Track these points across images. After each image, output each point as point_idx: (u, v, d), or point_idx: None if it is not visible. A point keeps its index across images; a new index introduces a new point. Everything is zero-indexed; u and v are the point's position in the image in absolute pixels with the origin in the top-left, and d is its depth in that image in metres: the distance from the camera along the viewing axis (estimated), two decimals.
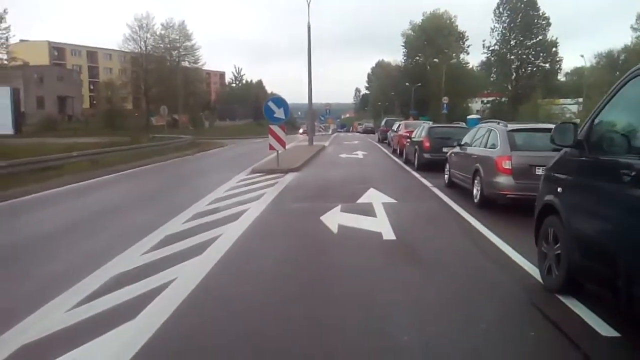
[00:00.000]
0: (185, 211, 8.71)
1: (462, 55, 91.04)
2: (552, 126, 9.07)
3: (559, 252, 4.40)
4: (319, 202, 9.70)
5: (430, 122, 17.09)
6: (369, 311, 4.22)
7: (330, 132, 57.30)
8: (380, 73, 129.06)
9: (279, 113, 15.87)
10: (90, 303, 4.39)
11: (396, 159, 19.67)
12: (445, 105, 58.03)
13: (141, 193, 11.98)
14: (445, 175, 11.69)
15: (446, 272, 5.35)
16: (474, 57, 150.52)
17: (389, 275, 5.24)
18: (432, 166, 14.81)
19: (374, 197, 10.04)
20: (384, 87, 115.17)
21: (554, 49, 78.41)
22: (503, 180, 8.00)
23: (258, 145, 33.72)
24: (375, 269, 5.44)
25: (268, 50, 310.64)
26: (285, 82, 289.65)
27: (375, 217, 8.07)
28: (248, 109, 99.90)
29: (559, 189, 4.44)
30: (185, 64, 73.16)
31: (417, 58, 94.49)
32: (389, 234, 6.84)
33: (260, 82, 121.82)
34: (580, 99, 60.83)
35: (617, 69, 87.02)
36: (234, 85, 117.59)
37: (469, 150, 9.81)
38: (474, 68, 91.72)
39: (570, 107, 58.44)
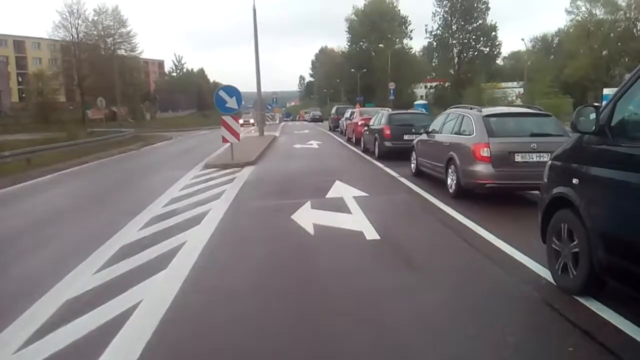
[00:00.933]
0: (140, 215, 7.83)
1: (405, 40, 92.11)
2: (528, 111, 8.95)
3: (576, 250, 3.98)
4: (285, 199, 9.04)
5: (389, 110, 16.68)
6: (377, 335, 3.63)
7: (277, 121, 56.22)
8: (324, 60, 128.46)
9: (231, 103, 14.98)
10: (33, 346, 3.56)
11: (353, 148, 19.22)
12: (392, 91, 58.24)
13: (87, 195, 10.83)
14: (412, 164, 11.29)
15: (446, 276, 4.85)
16: (417, 42, 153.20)
17: (384, 282, 4.68)
18: (393, 155, 14.45)
19: (343, 190, 9.49)
20: (329, 74, 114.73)
21: (493, 33, 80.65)
22: (481, 168, 7.63)
23: (205, 138, 32.54)
24: (368, 275, 4.87)
25: (209, 38, 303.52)
26: (228, 71, 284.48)
27: (351, 213, 7.51)
28: (191, 99, 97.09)
29: (575, 180, 4.01)
30: (122, 52, 69.71)
31: (361, 44, 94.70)
32: (371, 233, 6.29)
33: (202, 71, 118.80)
34: (521, 82, 62.75)
35: (551, 52, 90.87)
36: (174, 74, 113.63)
37: (439, 137, 9.41)
38: (417, 53, 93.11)
39: (513, 90, 60.12)
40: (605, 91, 53.68)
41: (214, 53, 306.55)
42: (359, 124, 20.31)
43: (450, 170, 8.57)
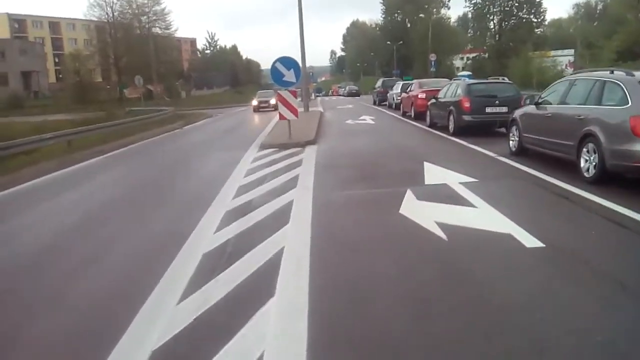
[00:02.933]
0: (210, 210, 6.49)
1: (442, 10, 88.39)
2: None
3: None
4: (375, 186, 7.58)
5: (465, 79, 14.72)
6: None
7: (312, 97, 54.48)
8: (356, 33, 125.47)
9: (289, 76, 13.46)
10: None
11: (415, 123, 17.48)
12: (432, 62, 55.47)
13: (139, 183, 9.59)
14: (511, 141, 9.59)
15: None
16: (454, 12, 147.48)
17: (606, 324, 3.16)
18: (472, 130, 12.75)
19: (440, 174, 7.93)
20: (361, 47, 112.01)
21: (537, 0, 76.01)
22: None
23: (246, 115, 31.29)
24: (573, 313, 3.35)
25: (240, 14, 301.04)
26: (260, 47, 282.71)
27: (475, 207, 5.95)
28: (225, 77, 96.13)
29: None
30: (157, 30, 68.86)
31: (396, 15, 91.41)
32: (525, 237, 4.73)
33: (235, 48, 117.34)
34: (572, 50, 59.07)
35: (595, 19, 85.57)
36: (207, 52, 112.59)
37: (562, 109, 7.68)
38: (452, 24, 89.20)
39: (562, 59, 56.45)
40: None
41: (245, 30, 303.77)
42: (419, 97, 18.58)
43: (585, 150, 6.87)
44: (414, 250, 4.70)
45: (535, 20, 77.20)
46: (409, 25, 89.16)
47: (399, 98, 24.57)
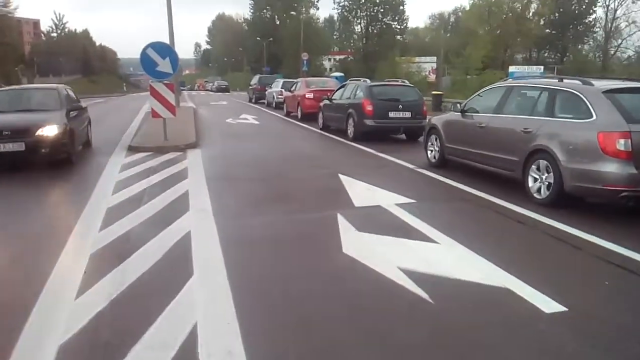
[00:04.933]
0: (62, 259, 4.35)
1: (312, 11, 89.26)
2: None
3: None
4: (294, 209, 5.99)
5: (365, 80, 13.47)
6: None
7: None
8: (222, 27, 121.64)
9: (164, 65, 11.18)
10: None
11: (304, 125, 16.15)
12: (305, 61, 55.19)
13: None
14: (430, 151, 8.66)
15: None
16: (321, 13, 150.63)
17: None
18: (373, 136, 11.79)
19: (367, 193, 6.62)
20: (228, 42, 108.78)
21: (400, 7, 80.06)
22: (614, 169, 5.14)
23: (104, 108, 27.61)
24: None
25: None
26: (117, 34, 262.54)
27: (435, 242, 4.66)
28: (75, 64, 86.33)
29: None
30: None
31: (265, 12, 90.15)
32: (532, 296, 3.52)
33: (86, 32, 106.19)
34: (434, 57, 62.87)
35: (447, 30, 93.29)
36: (53, 35, 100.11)
37: (500, 121, 6.78)
38: (320, 25, 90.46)
39: (425, 65, 59.82)
40: (511, 69, 55.60)
41: (98, 14, 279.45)
42: (307, 96, 17.34)
43: (534, 167, 6.01)
44: (394, 323, 3.20)
45: (398, 27, 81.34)
46: (278, 22, 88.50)
47: (280, 97, 23.18)
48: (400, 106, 11.59)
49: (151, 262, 4.16)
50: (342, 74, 55.29)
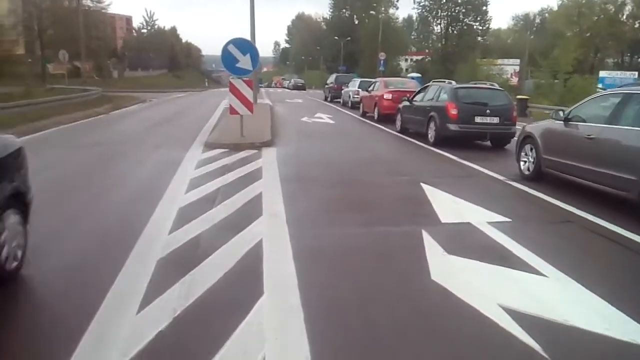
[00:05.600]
0: (135, 251, 4.14)
1: (391, 10, 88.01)
2: None
3: None
4: (373, 221, 5.49)
5: (451, 82, 12.63)
6: None
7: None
8: (301, 26, 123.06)
9: (244, 62, 11.06)
10: None
11: (381, 127, 15.59)
12: (382, 61, 54.33)
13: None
14: (523, 162, 7.83)
15: None
16: (400, 13, 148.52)
17: None
18: (455, 141, 11.03)
19: (454, 207, 5.99)
20: (306, 41, 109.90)
21: (484, 8, 76.97)
22: None
23: (184, 102, 28.40)
24: None
25: None
26: (202, 32, 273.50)
27: (542, 274, 3.98)
28: (162, 59, 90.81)
29: None
30: (87, 2, 62.88)
31: (344, 11, 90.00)
32: None
33: (174, 30, 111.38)
34: (517, 60, 59.84)
35: (532, 32, 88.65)
36: (144, 31, 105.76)
37: (617, 133, 5.86)
38: (399, 25, 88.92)
39: (507, 68, 57.02)
40: (602, 73, 51.72)
41: (186, 12, 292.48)
42: (385, 97, 16.75)
43: None
44: None
45: (481, 28, 78.28)
46: (356, 22, 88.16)
47: (356, 96, 22.75)
48: (488, 111, 10.74)
49: (220, 274, 3.83)
50: (419, 75, 54.01)
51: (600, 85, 40.26)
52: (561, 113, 7.05)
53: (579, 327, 3.15)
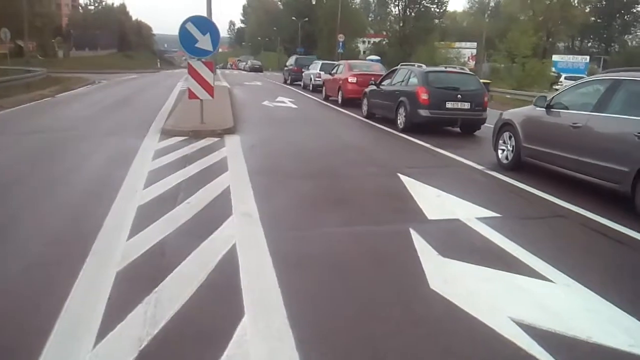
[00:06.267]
0: (88, 262, 3.55)
1: None
2: None
3: None
4: (357, 219, 5.04)
5: (421, 65, 12.22)
6: None
7: None
8: (257, 5, 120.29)
9: (204, 42, 10.28)
10: None
11: (346, 111, 15.15)
12: (341, 43, 53.87)
13: None
14: (502, 151, 7.61)
15: None
16: None
17: None
18: (425, 128, 10.75)
19: (438, 201, 5.64)
20: (262, 21, 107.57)
21: None
22: None
23: (137, 84, 27.07)
24: None
25: None
26: (152, 9, 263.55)
27: (548, 279, 3.66)
28: (111, 38, 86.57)
29: None
30: None
31: None
32: None
33: (123, 7, 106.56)
34: (474, 43, 60.51)
35: (487, 16, 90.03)
36: (91, 8, 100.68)
37: (608, 121, 5.59)
38: (356, 6, 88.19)
39: (465, 51, 57.59)
40: (555, 57, 53.13)
41: None
42: (350, 80, 16.30)
43: None
44: None
45: (438, 10, 78.69)
46: (314, 2, 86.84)
47: (318, 79, 22.22)
48: (459, 96, 10.48)
49: (190, 289, 3.30)
50: (378, 58, 53.77)
51: (553, 69, 41.30)
52: (544, 99, 6.79)
53: (601, 343, 2.83)
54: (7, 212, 4.91)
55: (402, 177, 6.60)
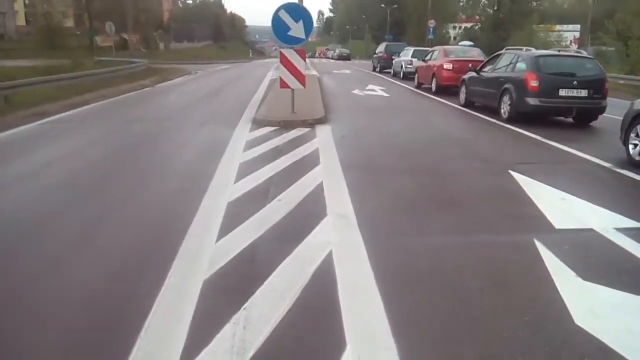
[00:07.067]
0: (174, 269, 3.26)
1: None
2: None
3: None
4: (467, 227, 4.36)
5: (529, 49, 11.05)
6: None
7: None
8: None
9: (297, 30, 9.94)
10: None
11: (441, 100, 14.23)
12: (431, 29, 51.66)
13: (59, 190, 6.11)
14: (632, 146, 6.51)
15: None
16: None
17: None
18: (533, 117, 9.68)
19: (562, 204, 4.82)
20: (351, 9, 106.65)
21: None
22: None
23: (230, 74, 27.60)
24: None
25: None
26: (246, 2, 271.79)
27: None
28: (207, 30, 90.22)
29: None
30: None
31: None
32: None
33: (219, 0, 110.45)
34: (577, 26, 55.71)
35: None
36: (189, 2, 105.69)
37: None
38: None
39: (566, 34, 53.09)
40: None
41: None
42: (445, 67, 15.29)
43: None
44: None
45: None
46: None
47: (409, 66, 21.29)
48: (575, 82, 9.27)
49: (284, 308, 2.88)
50: (472, 43, 51.16)
51: None
52: None
53: None
54: (98, 211, 4.81)
55: (515, 175, 5.80)
